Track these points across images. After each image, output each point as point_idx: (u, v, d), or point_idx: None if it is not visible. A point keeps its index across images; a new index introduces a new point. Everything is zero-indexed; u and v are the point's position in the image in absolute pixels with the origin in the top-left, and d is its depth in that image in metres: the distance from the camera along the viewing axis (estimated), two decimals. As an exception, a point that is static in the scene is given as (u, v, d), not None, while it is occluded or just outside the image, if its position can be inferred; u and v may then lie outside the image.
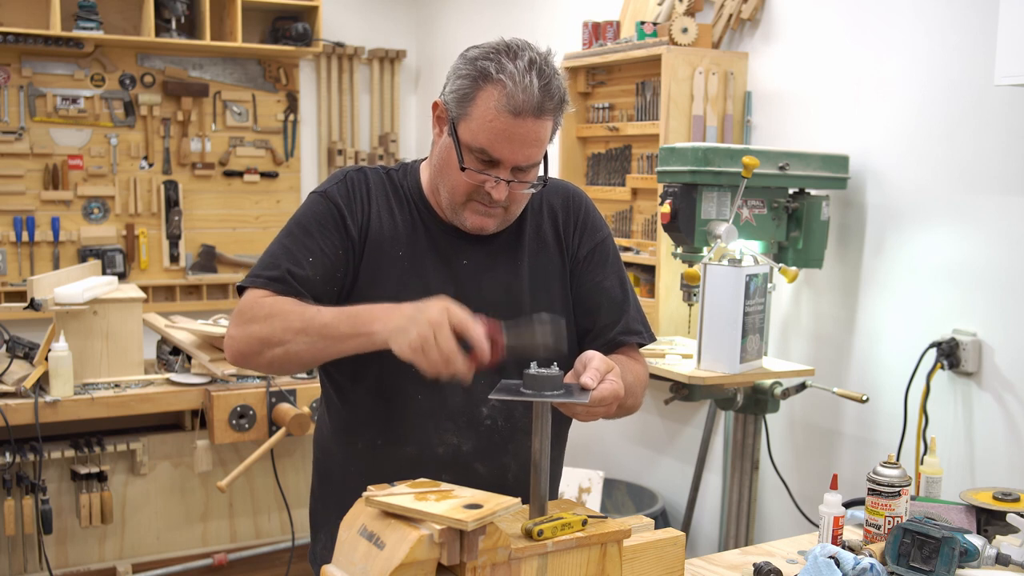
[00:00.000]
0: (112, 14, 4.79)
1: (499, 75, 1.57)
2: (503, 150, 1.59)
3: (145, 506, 3.25)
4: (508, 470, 1.73)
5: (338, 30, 5.40)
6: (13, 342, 3.21)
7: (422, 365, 1.42)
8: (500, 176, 1.61)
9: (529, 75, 1.57)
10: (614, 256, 1.85)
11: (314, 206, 1.72)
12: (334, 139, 5.42)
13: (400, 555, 1.23)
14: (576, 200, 1.84)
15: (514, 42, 1.62)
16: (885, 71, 2.92)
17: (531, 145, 1.60)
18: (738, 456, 3.11)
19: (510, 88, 1.56)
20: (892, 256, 2.92)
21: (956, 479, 2.66)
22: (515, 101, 1.56)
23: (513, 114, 1.57)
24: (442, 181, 1.68)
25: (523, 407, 1.73)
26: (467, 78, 1.60)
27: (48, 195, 4.74)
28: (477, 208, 1.66)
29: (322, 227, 1.69)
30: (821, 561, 1.53)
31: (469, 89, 1.59)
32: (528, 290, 1.74)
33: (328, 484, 1.82)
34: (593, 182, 3.90)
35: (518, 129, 1.58)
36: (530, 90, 1.56)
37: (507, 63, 1.58)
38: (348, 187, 1.73)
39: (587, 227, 1.82)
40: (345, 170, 1.77)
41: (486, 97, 1.58)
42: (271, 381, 3.24)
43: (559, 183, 1.86)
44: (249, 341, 1.59)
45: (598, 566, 1.40)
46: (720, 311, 2.69)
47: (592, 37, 3.80)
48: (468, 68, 1.61)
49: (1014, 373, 2.60)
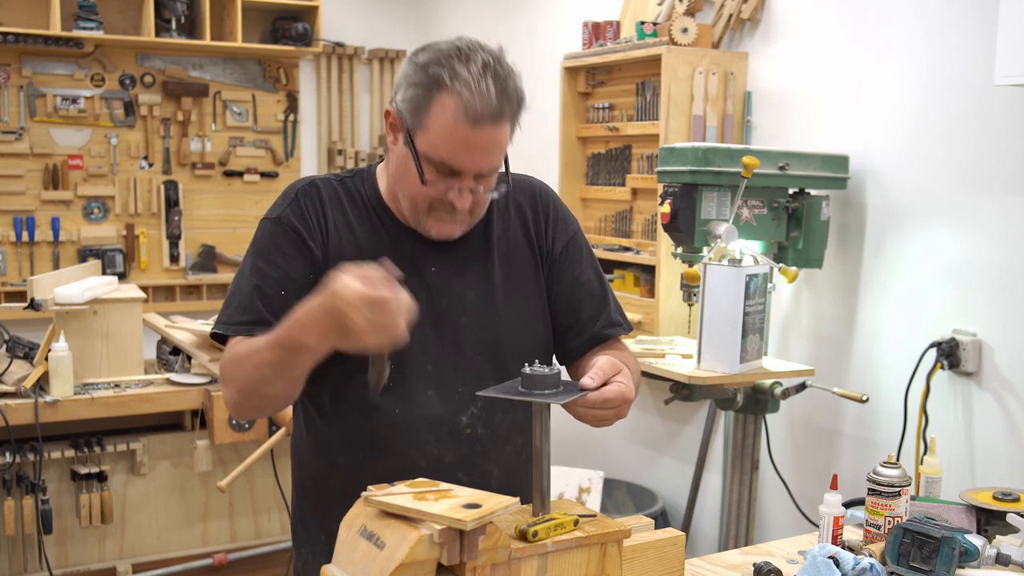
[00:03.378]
0: (112, 14, 4.79)
1: (453, 83, 1.50)
2: (464, 160, 1.54)
3: (145, 506, 3.25)
4: (491, 477, 1.70)
5: (338, 30, 5.40)
6: (13, 342, 3.21)
7: (383, 343, 1.37)
8: (462, 185, 1.57)
9: (484, 80, 1.50)
10: (587, 248, 1.83)
11: (271, 235, 1.65)
12: (334, 139, 5.42)
13: (400, 555, 1.23)
14: (543, 196, 1.80)
15: (464, 44, 1.55)
16: (885, 71, 2.92)
17: (492, 151, 1.55)
18: (738, 456, 3.11)
19: (466, 96, 1.49)
20: (892, 256, 2.92)
21: (956, 479, 2.66)
22: (473, 110, 1.50)
23: (471, 123, 1.50)
24: (402, 191, 1.63)
25: (502, 413, 1.71)
26: (419, 87, 1.53)
27: (48, 195, 4.74)
28: (441, 216, 1.61)
29: (286, 255, 1.63)
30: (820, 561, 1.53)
31: (423, 99, 1.52)
32: (501, 291, 1.71)
33: (307, 500, 1.78)
34: (593, 182, 3.90)
35: (478, 137, 1.52)
36: (487, 96, 1.50)
37: (460, 69, 1.51)
38: (300, 206, 1.65)
39: (558, 223, 1.79)
40: (294, 187, 1.69)
41: (441, 107, 1.51)
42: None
43: (523, 179, 1.81)
44: (232, 401, 1.60)
45: (598, 566, 1.40)
46: (720, 311, 2.69)
47: (592, 37, 3.80)
48: (419, 75, 1.53)
49: (1014, 373, 2.60)
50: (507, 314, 1.71)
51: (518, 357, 1.64)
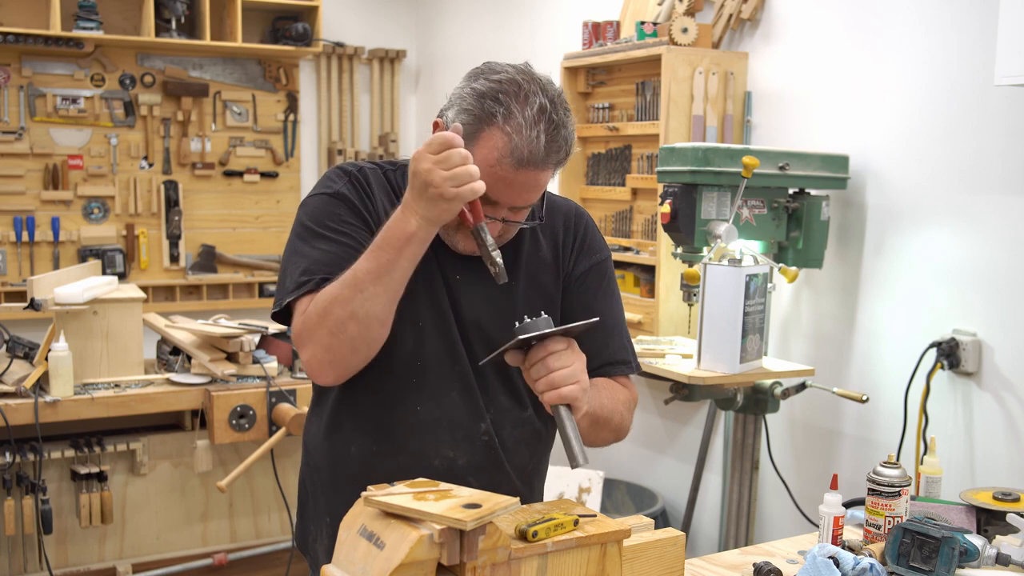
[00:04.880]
0: (112, 14, 4.79)
1: (505, 124, 1.49)
2: (501, 195, 1.54)
3: (145, 506, 3.25)
4: (501, 486, 1.70)
5: (338, 30, 5.40)
6: (13, 342, 3.21)
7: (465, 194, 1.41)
8: (495, 216, 1.56)
9: (537, 128, 1.49)
10: (609, 279, 1.79)
11: (329, 207, 1.63)
12: (334, 139, 5.42)
13: (400, 555, 1.23)
14: (578, 220, 1.79)
15: (526, 80, 1.52)
16: (885, 71, 2.92)
17: (531, 190, 1.55)
18: (738, 456, 3.11)
19: (515, 140, 1.48)
20: (892, 256, 2.92)
21: (956, 479, 2.66)
22: (519, 154, 1.49)
23: (516, 165, 1.50)
24: None
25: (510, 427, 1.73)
26: (471, 114, 1.52)
27: (48, 195, 4.74)
28: (469, 235, 1.59)
29: (349, 223, 1.62)
30: (820, 561, 1.53)
31: (472, 127, 1.51)
32: (521, 307, 1.69)
33: (317, 480, 1.79)
34: (593, 182, 3.90)
35: (519, 178, 1.52)
36: (536, 144, 1.49)
37: (515, 110, 1.49)
38: (355, 185, 1.66)
39: (584, 247, 1.77)
40: (345, 169, 1.69)
41: (489, 140, 1.50)
42: (271, 381, 3.24)
43: (562, 202, 1.81)
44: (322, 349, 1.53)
45: (598, 566, 1.40)
46: (720, 311, 2.69)
47: (592, 37, 3.80)
48: (474, 104, 1.52)
49: (1014, 373, 2.60)
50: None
51: None
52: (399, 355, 1.64)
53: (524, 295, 1.71)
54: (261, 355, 3.31)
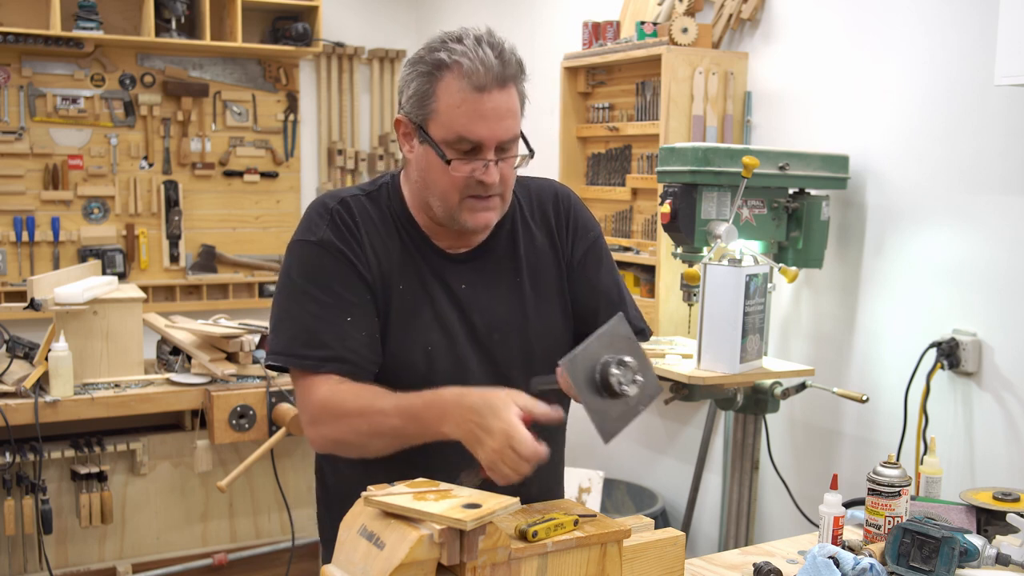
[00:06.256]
0: (112, 14, 4.79)
1: (453, 63, 1.54)
2: (480, 130, 1.55)
3: (145, 506, 3.25)
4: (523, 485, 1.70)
5: (338, 30, 5.40)
6: (13, 342, 3.21)
7: (496, 478, 1.42)
8: (487, 159, 1.57)
9: (480, 49, 1.54)
10: (606, 255, 1.82)
11: (317, 259, 1.62)
12: (334, 139, 5.42)
13: (400, 555, 1.23)
14: (565, 201, 1.80)
15: (452, 30, 1.60)
16: (885, 71, 2.92)
17: (504, 117, 1.57)
18: (738, 456, 3.11)
19: (467, 66, 1.53)
20: (892, 256, 2.92)
21: (956, 479, 2.66)
22: (476, 77, 1.53)
23: (478, 90, 1.53)
24: (430, 191, 1.62)
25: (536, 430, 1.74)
26: (421, 76, 1.57)
27: (48, 195, 4.74)
28: (474, 205, 1.60)
29: (341, 281, 1.61)
30: (820, 561, 1.53)
31: (426, 85, 1.56)
32: (532, 303, 1.71)
33: (336, 499, 1.77)
34: (593, 182, 3.90)
35: (487, 104, 1.54)
36: (487, 61, 1.54)
37: (456, 47, 1.55)
38: (338, 225, 1.64)
39: (578, 228, 1.78)
40: (326, 205, 1.66)
41: (446, 86, 1.54)
42: (271, 381, 3.24)
43: (544, 184, 1.82)
44: (328, 444, 1.60)
45: (598, 566, 1.40)
46: (720, 311, 2.69)
47: (592, 37, 3.79)
48: (418, 67, 1.57)
49: (1014, 373, 2.60)
50: (537, 325, 1.72)
51: (549, 366, 1.66)
52: (409, 380, 1.63)
53: (531, 289, 1.72)
54: (261, 355, 3.31)
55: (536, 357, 1.72)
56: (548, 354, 1.71)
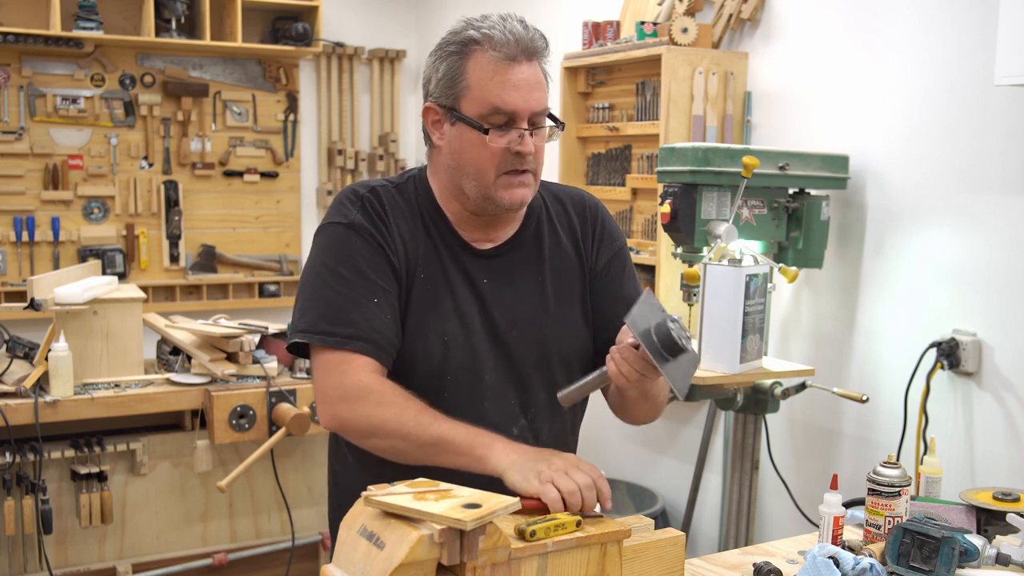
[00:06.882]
0: (112, 14, 4.79)
1: (483, 38, 1.59)
2: (513, 98, 1.59)
3: (145, 506, 3.25)
4: None
5: (338, 30, 5.40)
6: (13, 342, 3.21)
7: (547, 497, 1.42)
8: (521, 130, 1.61)
9: (507, 23, 1.61)
10: (630, 265, 1.85)
11: (348, 241, 1.64)
12: (334, 139, 5.42)
13: (400, 555, 1.23)
14: (593, 210, 1.83)
15: (471, 16, 1.66)
16: (885, 71, 2.92)
17: (534, 88, 1.62)
18: (738, 456, 3.11)
19: (498, 37, 1.59)
20: (892, 256, 2.92)
21: (956, 479, 2.66)
22: (508, 48, 1.59)
23: (509, 61, 1.59)
24: (464, 173, 1.64)
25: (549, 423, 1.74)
26: (451, 57, 1.62)
27: (48, 195, 4.74)
28: (509, 181, 1.63)
29: (370, 262, 1.63)
30: (820, 561, 1.53)
31: (457, 65, 1.61)
32: (552, 303, 1.73)
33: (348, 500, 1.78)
34: (593, 182, 3.90)
35: (518, 75, 1.60)
36: (517, 32, 1.60)
37: (483, 26, 1.61)
38: (369, 211, 1.66)
39: (604, 237, 1.81)
40: (357, 192, 1.69)
41: (476, 61, 1.60)
42: (271, 381, 3.24)
43: (574, 192, 1.85)
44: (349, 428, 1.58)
45: (598, 566, 1.40)
46: (720, 311, 2.69)
47: (592, 37, 3.79)
48: (448, 49, 1.63)
49: (1014, 373, 2.60)
50: (556, 326, 1.73)
51: (564, 368, 1.69)
52: (425, 368, 1.64)
53: (553, 290, 1.74)
54: (261, 355, 3.31)
55: (551, 358, 1.73)
56: (563, 356, 1.73)
